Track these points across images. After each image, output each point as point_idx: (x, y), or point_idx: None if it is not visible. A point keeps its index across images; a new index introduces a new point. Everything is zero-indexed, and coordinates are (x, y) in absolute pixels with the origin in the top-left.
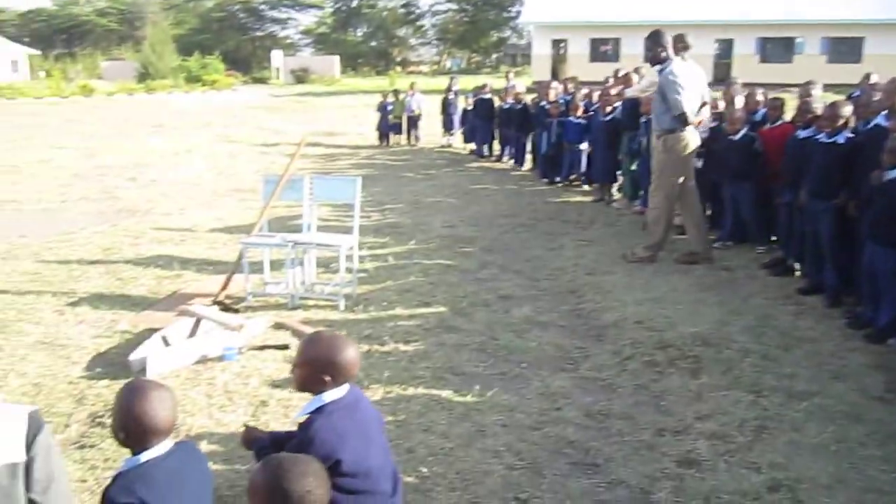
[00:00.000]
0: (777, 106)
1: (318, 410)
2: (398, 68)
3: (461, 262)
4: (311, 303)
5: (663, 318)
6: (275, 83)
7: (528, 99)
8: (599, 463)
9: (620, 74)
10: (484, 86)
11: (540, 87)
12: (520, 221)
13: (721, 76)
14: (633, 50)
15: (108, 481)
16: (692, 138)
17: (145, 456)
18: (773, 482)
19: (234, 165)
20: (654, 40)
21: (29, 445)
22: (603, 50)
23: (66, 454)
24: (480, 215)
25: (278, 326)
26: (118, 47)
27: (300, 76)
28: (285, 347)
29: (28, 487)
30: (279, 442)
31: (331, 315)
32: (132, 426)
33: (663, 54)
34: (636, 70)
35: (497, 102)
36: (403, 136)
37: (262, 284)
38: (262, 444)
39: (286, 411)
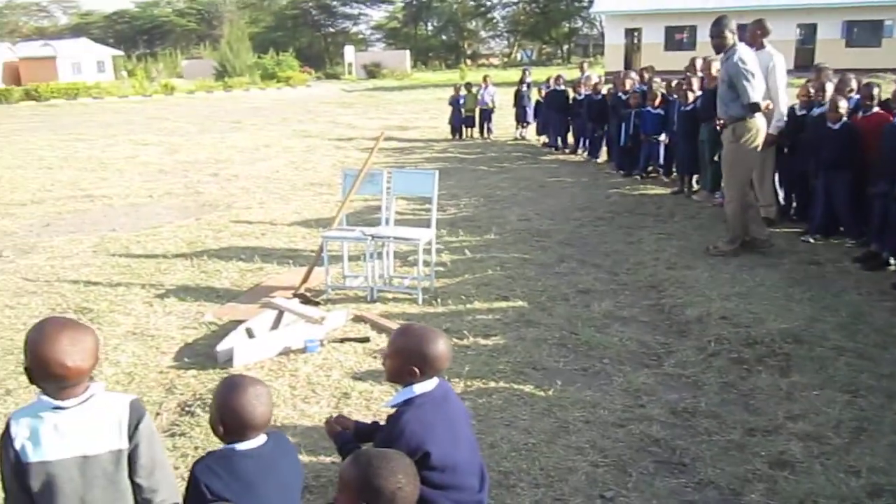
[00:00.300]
0: (871, 93)
1: (408, 402)
2: (468, 61)
3: (538, 255)
4: (389, 296)
5: (750, 313)
6: (347, 78)
7: (604, 89)
8: (686, 462)
9: (701, 63)
10: (558, 77)
11: (616, 78)
12: (597, 215)
13: (804, 62)
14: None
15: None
16: (762, 126)
17: (239, 446)
18: (873, 487)
19: (311, 160)
20: (720, 27)
21: (132, 433)
22: (678, 38)
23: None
24: (556, 208)
25: (358, 319)
26: (197, 46)
27: (372, 71)
28: (366, 340)
29: (133, 472)
30: (364, 433)
31: (409, 308)
32: (230, 421)
33: (729, 41)
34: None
35: (571, 94)
36: (476, 130)
37: (342, 278)
38: (346, 437)
39: (368, 403)
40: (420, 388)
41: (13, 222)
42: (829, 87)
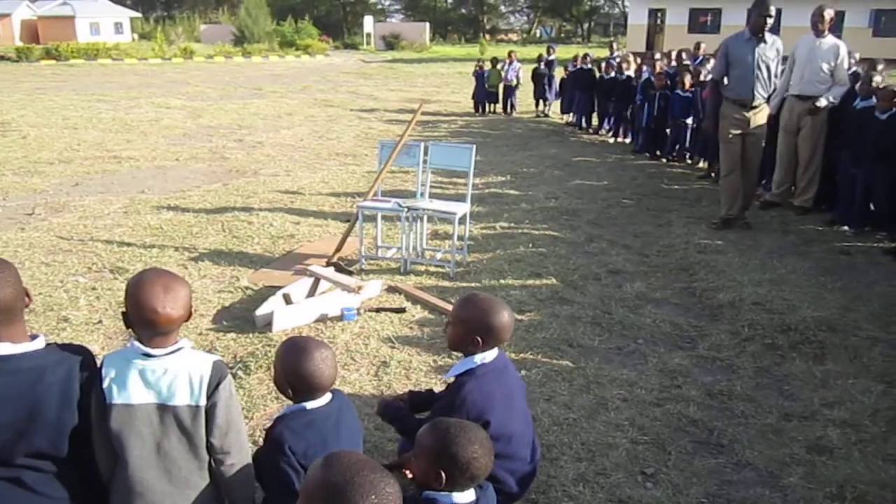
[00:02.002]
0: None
1: (469, 372)
2: (487, 36)
3: (568, 234)
4: (421, 268)
5: (782, 300)
6: (366, 49)
7: (632, 70)
8: (725, 443)
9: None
10: (585, 55)
11: (644, 59)
12: (624, 196)
13: None
14: (734, 20)
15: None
16: None
17: (309, 405)
18: None
19: (334, 130)
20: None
21: (210, 392)
22: (702, 21)
23: None
24: (583, 188)
25: (392, 290)
26: (215, 10)
27: (391, 42)
28: (402, 311)
29: (208, 431)
30: (420, 402)
31: (442, 281)
32: (299, 384)
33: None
34: None
35: (598, 73)
36: (499, 105)
37: (375, 248)
38: (398, 407)
39: (407, 373)
40: (481, 357)
41: (43, 180)
42: (878, 79)
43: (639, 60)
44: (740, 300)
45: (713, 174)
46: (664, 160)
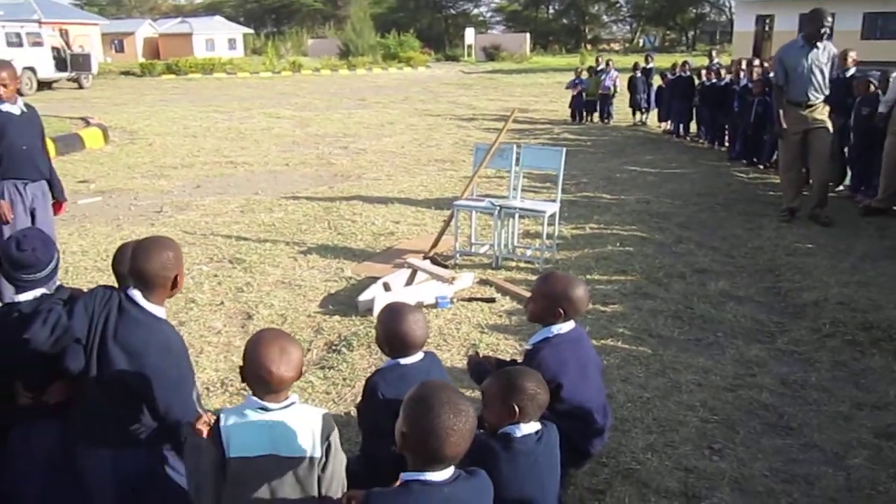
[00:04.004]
0: None
1: (545, 340)
2: (588, 46)
3: (657, 235)
4: (512, 264)
5: (868, 300)
6: (466, 60)
7: (728, 77)
8: (794, 427)
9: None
10: (684, 63)
11: (741, 65)
12: (716, 201)
13: None
14: (847, 26)
15: (350, 389)
16: None
17: (403, 361)
18: None
19: (434, 137)
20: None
21: (323, 443)
22: None
23: (311, 372)
24: (676, 193)
25: (484, 282)
26: (322, 26)
27: (491, 53)
28: (492, 301)
29: (318, 482)
30: (504, 366)
31: (531, 276)
32: (395, 341)
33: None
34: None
35: (697, 81)
36: (597, 114)
37: (469, 244)
38: (485, 368)
39: (494, 354)
40: (558, 328)
41: (168, 183)
42: None
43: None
44: (825, 300)
45: (810, 181)
46: (761, 167)
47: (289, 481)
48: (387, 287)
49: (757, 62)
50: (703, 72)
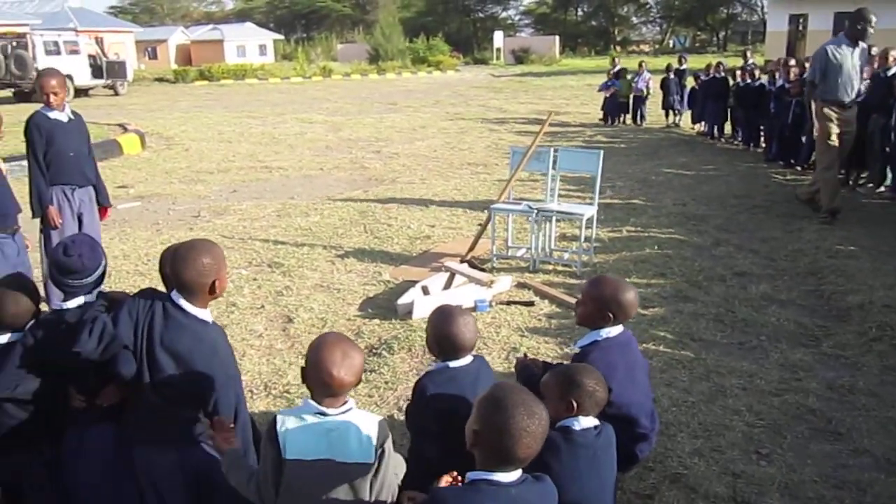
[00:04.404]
0: None
1: (594, 344)
2: (618, 48)
3: (695, 238)
4: (549, 267)
5: None
6: (495, 63)
7: (765, 78)
8: (842, 432)
9: (877, 50)
10: (718, 64)
11: (777, 65)
12: (754, 203)
13: None
14: (885, 24)
15: (391, 393)
16: None
17: (452, 363)
18: None
19: (466, 141)
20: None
21: (378, 450)
22: None
23: None
24: (712, 195)
25: (521, 285)
26: (351, 31)
27: (520, 56)
28: (531, 304)
29: (370, 487)
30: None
31: (569, 280)
32: (445, 344)
33: None
34: None
35: (731, 82)
36: (629, 116)
37: (506, 248)
38: (533, 371)
39: (536, 357)
40: (606, 332)
41: (205, 188)
42: None
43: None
44: (870, 303)
45: (850, 182)
46: (798, 168)
47: (342, 487)
48: (425, 291)
49: (793, 62)
50: (738, 72)
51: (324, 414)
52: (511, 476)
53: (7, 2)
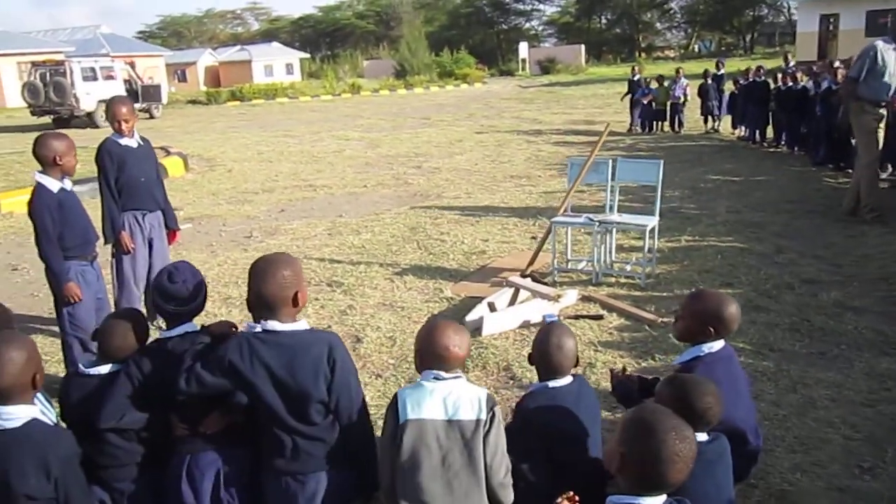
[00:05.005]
0: None
1: (696, 359)
2: (643, 54)
3: (755, 245)
4: (611, 279)
5: None
6: (521, 74)
7: (805, 79)
8: None
9: None
10: (758, 68)
11: (823, 67)
12: (809, 208)
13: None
14: None
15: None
16: None
17: (552, 383)
18: None
19: (505, 153)
20: None
21: (488, 410)
22: (882, 22)
23: None
24: (765, 201)
25: (586, 299)
26: (375, 47)
27: (546, 66)
28: (600, 318)
29: (484, 447)
30: (648, 387)
31: (633, 291)
32: (543, 363)
33: None
34: None
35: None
36: (667, 123)
37: (565, 261)
38: (630, 386)
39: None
40: (708, 347)
41: (253, 208)
42: None
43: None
44: None
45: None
46: (849, 171)
47: (458, 446)
48: (492, 307)
49: (838, 63)
50: (779, 76)
51: (439, 378)
52: (656, 500)
53: (41, 30)
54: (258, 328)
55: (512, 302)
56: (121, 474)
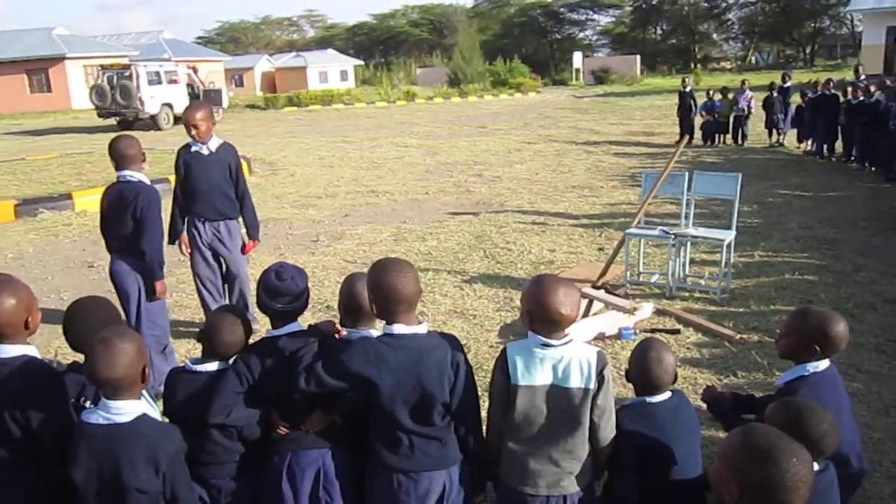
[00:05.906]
0: None
1: (801, 379)
2: (699, 66)
3: (832, 263)
4: (685, 293)
5: None
6: (575, 84)
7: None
8: None
9: None
10: (827, 81)
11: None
12: (885, 225)
13: None
14: None
15: None
16: None
17: (650, 398)
18: None
19: (564, 163)
20: None
21: (598, 376)
22: None
23: None
24: (838, 217)
25: (661, 313)
26: (428, 55)
27: (600, 76)
28: (677, 332)
29: (591, 411)
30: (744, 404)
31: (709, 306)
32: (645, 377)
33: None
34: None
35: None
36: (729, 136)
37: (637, 273)
38: (726, 403)
39: (694, 388)
40: (813, 366)
41: (318, 212)
42: None
43: None
44: None
45: None
46: None
47: (566, 410)
48: None
49: None
50: (849, 89)
51: (548, 345)
52: None
53: (106, 35)
54: (391, 329)
55: (585, 314)
56: (220, 471)
